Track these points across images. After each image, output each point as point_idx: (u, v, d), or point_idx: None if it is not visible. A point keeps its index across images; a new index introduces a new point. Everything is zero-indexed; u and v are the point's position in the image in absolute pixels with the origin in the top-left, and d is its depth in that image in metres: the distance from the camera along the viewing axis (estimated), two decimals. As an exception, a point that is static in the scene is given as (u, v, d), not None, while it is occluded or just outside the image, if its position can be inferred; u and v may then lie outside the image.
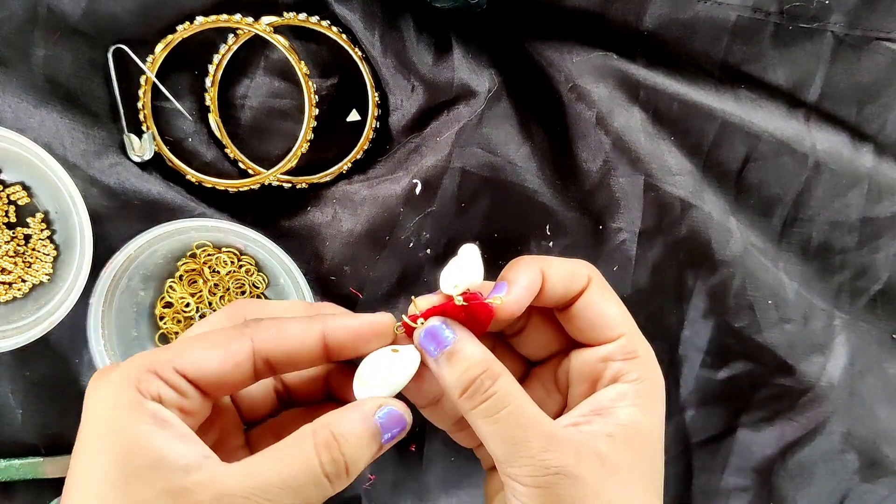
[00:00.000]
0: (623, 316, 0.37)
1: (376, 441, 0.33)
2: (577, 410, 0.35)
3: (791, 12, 0.50)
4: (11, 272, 0.51)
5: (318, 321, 0.34)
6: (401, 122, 0.52)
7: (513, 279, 0.36)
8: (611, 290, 0.38)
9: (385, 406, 0.33)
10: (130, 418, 0.29)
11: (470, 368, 0.33)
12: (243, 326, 0.33)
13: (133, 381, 0.30)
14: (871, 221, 0.53)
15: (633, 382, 0.35)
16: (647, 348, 0.37)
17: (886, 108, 0.52)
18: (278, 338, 0.33)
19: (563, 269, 0.36)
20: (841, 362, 0.54)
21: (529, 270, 0.36)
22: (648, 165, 0.51)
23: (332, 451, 0.31)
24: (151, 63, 0.50)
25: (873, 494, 0.56)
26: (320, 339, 0.34)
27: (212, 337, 0.33)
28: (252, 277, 0.53)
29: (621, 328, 0.36)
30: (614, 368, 0.36)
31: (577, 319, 0.37)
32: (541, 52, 0.51)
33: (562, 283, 0.36)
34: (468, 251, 0.36)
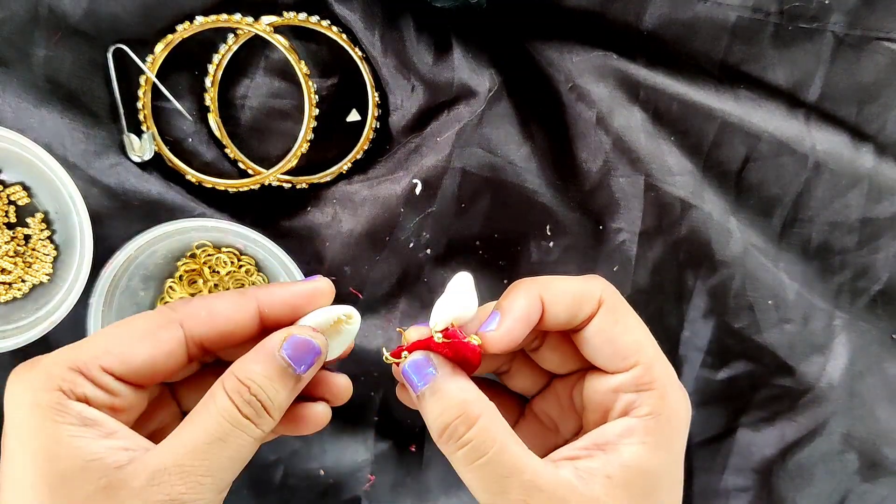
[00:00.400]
0: (640, 342, 0.34)
1: (289, 375, 0.31)
2: (580, 441, 0.33)
3: (791, 12, 0.50)
4: (11, 272, 0.51)
5: (251, 296, 0.33)
6: (401, 122, 0.52)
7: (506, 308, 0.33)
8: (627, 311, 0.35)
9: (290, 336, 0.32)
10: (54, 422, 0.28)
11: (445, 411, 0.31)
12: (170, 311, 0.32)
13: (55, 382, 0.29)
14: (871, 222, 0.53)
15: (643, 417, 0.32)
16: (667, 379, 0.33)
17: (886, 108, 0.52)
18: (210, 318, 0.32)
19: (567, 293, 0.33)
20: (841, 363, 0.54)
21: (526, 297, 0.33)
22: (648, 165, 0.51)
23: (244, 395, 0.30)
24: (151, 63, 0.50)
25: (873, 495, 0.56)
26: (255, 314, 0.32)
27: (138, 326, 0.31)
28: (252, 277, 0.53)
29: (635, 357, 0.33)
30: (625, 400, 0.33)
31: (587, 346, 0.34)
32: (541, 51, 0.51)
33: (565, 310, 0.33)
34: (460, 281, 0.34)
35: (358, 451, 0.54)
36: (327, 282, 0.34)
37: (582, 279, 0.35)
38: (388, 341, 0.53)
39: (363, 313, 0.53)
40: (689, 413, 0.34)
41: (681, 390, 0.34)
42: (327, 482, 0.54)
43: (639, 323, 0.34)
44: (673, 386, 0.33)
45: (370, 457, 0.54)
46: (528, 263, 0.53)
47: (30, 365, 0.31)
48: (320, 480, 0.54)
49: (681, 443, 0.33)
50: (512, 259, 0.54)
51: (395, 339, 0.53)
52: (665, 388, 0.33)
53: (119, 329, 0.31)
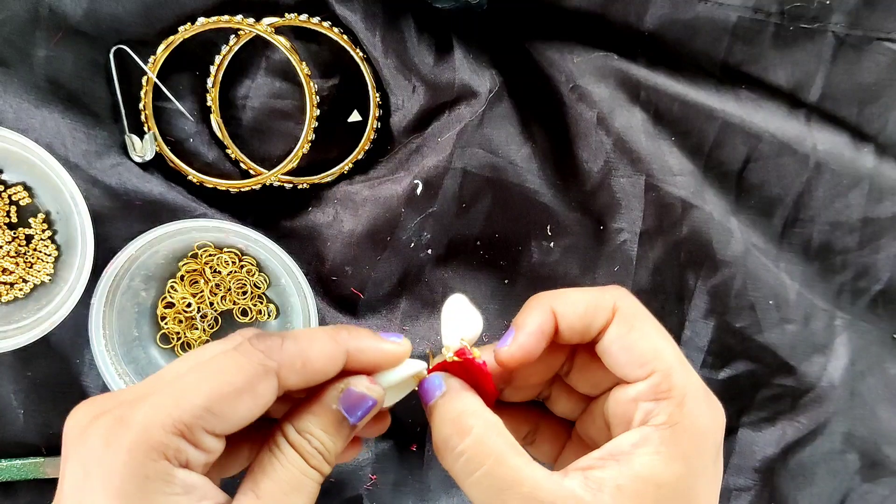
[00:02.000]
0: (657, 349, 0.33)
1: (343, 426, 0.32)
2: (597, 452, 0.32)
3: (792, 13, 0.50)
4: (13, 272, 0.51)
5: (342, 346, 0.32)
6: (402, 122, 0.52)
7: (520, 324, 0.34)
8: (644, 317, 0.34)
9: (346, 389, 0.32)
10: (163, 494, 0.27)
11: (443, 424, 0.32)
12: (266, 359, 0.30)
13: (160, 448, 0.27)
14: (872, 222, 0.53)
15: (659, 427, 0.31)
16: (687, 387, 0.32)
17: (887, 108, 0.52)
18: (304, 369, 0.31)
19: (579, 304, 0.33)
20: (842, 363, 0.54)
21: (539, 311, 0.33)
22: (649, 166, 0.51)
23: (307, 447, 0.31)
24: (153, 63, 0.50)
25: (874, 495, 0.56)
26: (342, 362, 0.32)
27: (234, 376, 0.29)
28: (253, 278, 0.53)
29: (651, 365, 0.32)
30: (644, 410, 0.32)
31: (607, 357, 0.34)
32: (542, 52, 0.51)
33: (578, 320, 0.33)
34: (456, 304, 0.35)
35: (359, 450, 0.54)
36: (408, 344, 0.34)
37: (597, 289, 0.34)
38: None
39: (364, 313, 0.53)
40: (719, 423, 0.32)
41: (706, 399, 0.32)
42: (329, 481, 0.54)
43: (658, 330, 0.33)
44: (695, 395, 0.32)
45: (371, 456, 0.54)
46: (529, 263, 0.53)
47: (118, 423, 0.28)
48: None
49: (705, 455, 0.31)
50: (513, 259, 0.54)
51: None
52: (684, 396, 0.31)
53: (213, 378, 0.29)
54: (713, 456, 0.32)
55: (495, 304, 0.54)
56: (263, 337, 0.31)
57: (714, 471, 0.32)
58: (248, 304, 0.53)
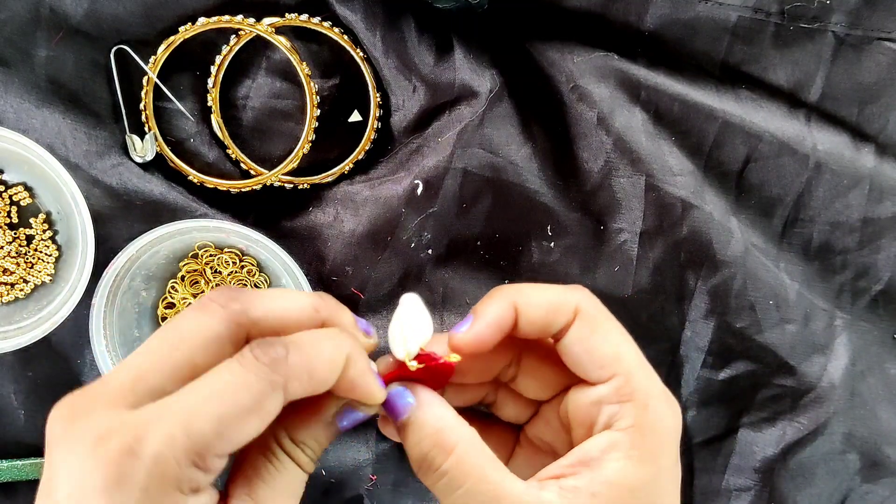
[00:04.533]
0: (618, 353, 0.33)
1: (334, 431, 0.32)
2: (566, 458, 0.32)
3: (792, 12, 0.50)
4: (14, 273, 0.51)
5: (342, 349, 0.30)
6: (402, 122, 0.52)
7: (479, 312, 0.33)
8: (605, 320, 0.33)
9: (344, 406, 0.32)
10: None
11: (421, 441, 0.31)
12: (272, 373, 0.28)
13: (174, 483, 0.26)
14: (872, 222, 0.53)
15: (626, 430, 0.31)
16: (649, 389, 0.32)
17: (887, 108, 0.52)
18: (309, 381, 0.29)
19: (542, 301, 0.33)
20: (842, 363, 0.54)
21: (500, 303, 0.33)
22: (649, 166, 0.51)
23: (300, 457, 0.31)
24: (153, 64, 0.50)
25: (875, 495, 0.56)
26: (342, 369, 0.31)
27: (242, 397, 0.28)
28: (254, 278, 0.53)
29: (613, 367, 0.32)
30: (607, 413, 0.32)
31: (567, 356, 0.33)
32: (542, 52, 0.51)
33: (539, 318, 0.33)
34: (408, 304, 0.33)
35: (359, 450, 0.54)
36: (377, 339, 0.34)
37: (562, 288, 0.34)
38: (389, 341, 0.53)
39: (365, 314, 0.53)
40: (678, 422, 0.33)
41: (666, 400, 0.32)
42: (329, 481, 0.54)
43: (619, 332, 0.33)
44: (657, 396, 0.32)
45: (371, 456, 0.54)
46: (530, 263, 0.53)
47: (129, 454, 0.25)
48: (322, 479, 0.54)
49: (669, 456, 0.32)
50: (513, 259, 0.54)
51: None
52: (647, 398, 0.32)
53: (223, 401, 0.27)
54: (675, 454, 0.32)
55: (496, 304, 0.54)
56: (265, 346, 0.29)
57: (676, 470, 0.32)
58: (249, 304, 0.53)
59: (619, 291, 0.53)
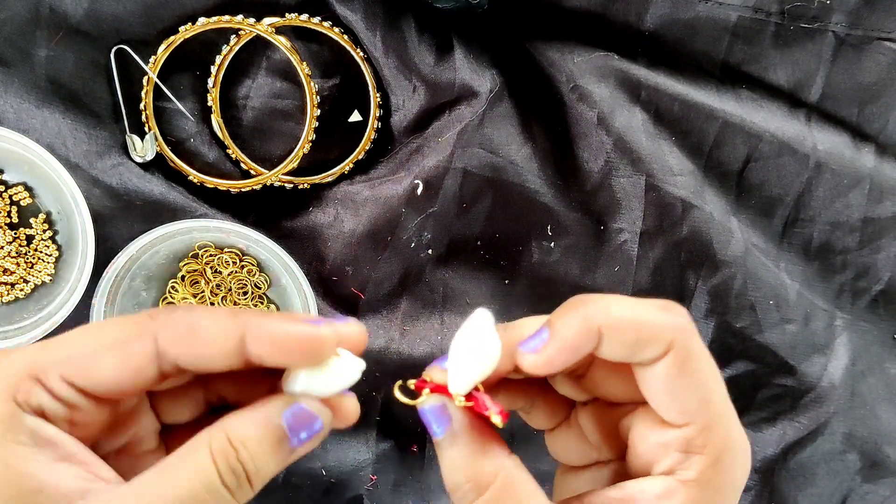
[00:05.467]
0: (704, 400, 0.29)
1: (283, 446, 0.27)
2: (615, 490, 0.29)
3: (792, 12, 0.50)
4: (14, 273, 0.51)
5: (240, 322, 0.27)
6: (402, 122, 0.52)
7: (557, 331, 0.29)
8: (700, 360, 0.29)
9: (294, 404, 0.28)
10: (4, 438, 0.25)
11: (455, 471, 0.29)
12: (148, 319, 0.27)
13: (10, 390, 0.25)
14: (873, 222, 0.53)
15: (687, 483, 0.28)
16: (726, 443, 0.29)
17: (888, 108, 0.52)
18: (189, 336, 0.27)
19: (632, 328, 0.28)
20: (842, 363, 0.54)
21: (583, 325, 0.28)
22: (650, 166, 0.51)
23: (230, 459, 0.26)
24: (153, 63, 0.50)
25: (875, 495, 0.56)
26: (239, 342, 0.27)
27: (107, 333, 0.27)
28: (254, 278, 0.53)
29: (692, 416, 0.29)
30: (673, 458, 0.29)
31: (645, 388, 0.30)
32: (542, 52, 0.51)
33: (624, 348, 0.29)
34: (480, 324, 0.29)
35: (360, 450, 0.54)
36: (330, 332, 0.28)
37: (657, 310, 0.29)
38: (388, 341, 0.53)
39: (365, 314, 0.53)
40: (747, 472, 0.30)
41: (741, 454, 0.29)
42: (329, 482, 0.54)
43: (711, 375, 0.29)
44: (731, 451, 0.29)
45: (371, 457, 0.54)
46: (530, 263, 0.53)
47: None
48: (322, 479, 0.54)
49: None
50: (513, 259, 0.54)
51: (395, 339, 0.53)
52: (721, 454, 0.28)
53: (87, 335, 0.27)
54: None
55: (495, 304, 0.54)
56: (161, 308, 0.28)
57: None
58: (249, 304, 0.53)
59: (620, 291, 0.53)
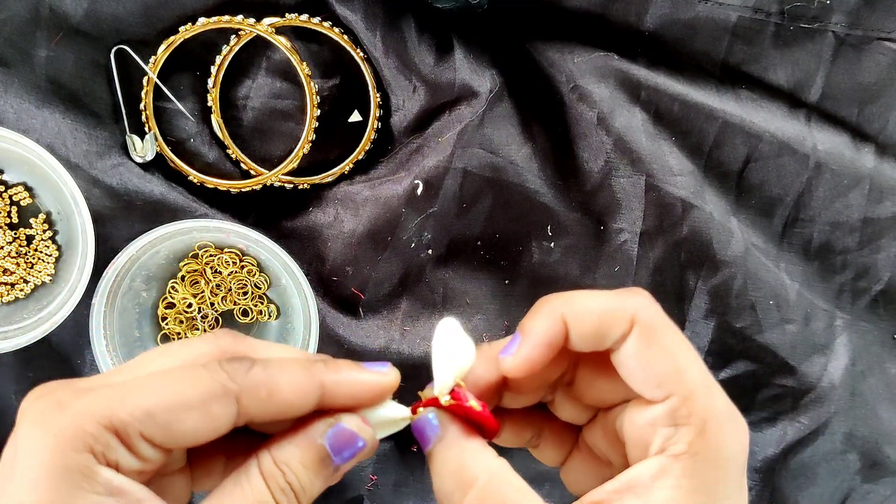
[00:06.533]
0: (679, 368, 0.29)
1: (326, 465, 0.29)
2: (612, 483, 0.29)
3: (792, 12, 0.50)
4: (14, 273, 0.51)
5: (317, 379, 0.29)
6: (402, 122, 0.52)
7: (527, 330, 0.30)
8: (666, 330, 0.30)
9: (336, 424, 0.29)
10: (79, 488, 0.25)
11: (442, 477, 0.30)
12: (228, 380, 0.27)
13: (86, 440, 0.25)
14: (873, 222, 0.53)
15: (679, 457, 0.28)
16: (710, 411, 0.29)
17: (887, 108, 0.52)
18: (269, 400, 0.28)
19: (593, 312, 0.30)
20: (842, 363, 0.54)
21: (548, 318, 0.30)
22: (649, 166, 0.51)
23: (279, 481, 0.28)
24: (153, 64, 0.50)
25: (875, 495, 0.56)
26: (317, 400, 0.29)
27: (188, 390, 0.27)
28: (254, 278, 0.53)
29: (671, 386, 0.29)
30: (662, 435, 0.29)
31: (622, 370, 0.30)
32: (542, 52, 0.51)
33: (592, 331, 0.30)
34: (448, 330, 0.31)
35: (360, 451, 0.54)
36: (395, 374, 0.30)
37: (615, 294, 0.30)
38: (389, 341, 0.53)
39: (364, 314, 0.53)
40: (743, 446, 0.30)
41: (730, 422, 0.29)
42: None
43: (681, 345, 0.30)
44: (717, 419, 0.29)
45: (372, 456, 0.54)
46: (530, 264, 0.53)
47: (56, 406, 0.26)
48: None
49: (728, 485, 0.29)
50: (513, 259, 0.54)
51: (395, 340, 0.53)
52: (706, 422, 0.28)
53: (165, 386, 0.27)
54: (737, 482, 0.29)
55: (495, 304, 0.54)
56: (235, 359, 0.28)
57: (739, 496, 0.30)
58: (249, 304, 0.53)
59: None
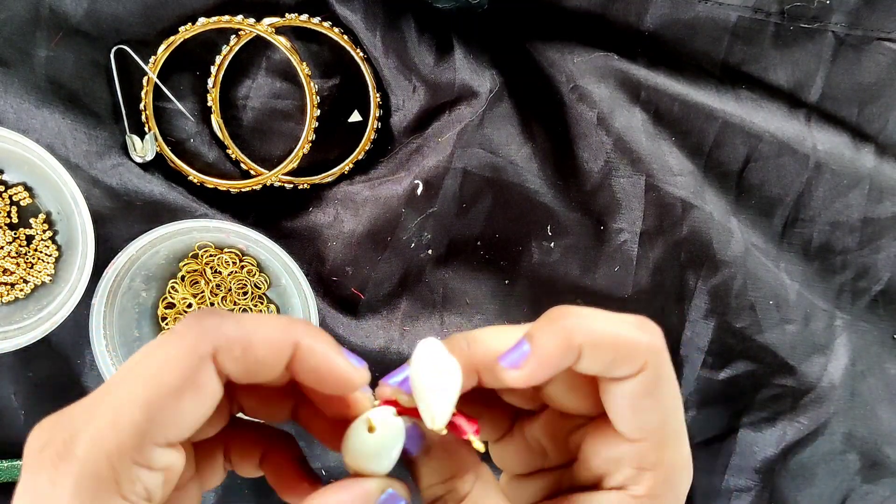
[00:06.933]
0: (662, 419, 0.29)
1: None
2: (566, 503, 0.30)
3: (792, 12, 0.50)
4: (14, 273, 0.51)
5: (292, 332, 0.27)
6: (402, 122, 0.52)
7: (538, 346, 0.28)
8: (667, 381, 0.29)
9: (388, 490, 0.30)
10: None
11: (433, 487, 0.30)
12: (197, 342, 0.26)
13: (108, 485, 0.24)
14: (872, 222, 0.53)
15: (639, 498, 0.28)
16: (677, 460, 0.29)
17: (887, 108, 0.52)
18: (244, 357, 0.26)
19: (612, 345, 0.28)
20: (842, 363, 0.54)
21: (562, 339, 0.28)
22: (649, 166, 0.51)
23: None
24: (153, 64, 0.50)
25: (875, 495, 0.56)
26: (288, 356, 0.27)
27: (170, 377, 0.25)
28: (254, 278, 0.53)
29: (649, 433, 0.28)
30: (623, 474, 0.29)
31: (608, 401, 0.29)
32: (542, 52, 0.51)
33: (602, 365, 0.28)
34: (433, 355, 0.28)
35: (359, 451, 0.54)
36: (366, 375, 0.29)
37: (634, 327, 0.29)
38: (388, 341, 0.53)
39: (364, 314, 0.53)
40: (686, 492, 0.30)
41: (687, 470, 0.30)
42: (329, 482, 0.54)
43: (674, 396, 0.29)
44: (680, 467, 0.29)
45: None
46: (530, 264, 0.53)
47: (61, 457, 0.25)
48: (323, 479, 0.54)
49: None
50: (513, 259, 0.54)
51: (395, 340, 0.53)
52: (672, 471, 0.29)
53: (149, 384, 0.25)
54: None
55: (495, 304, 0.54)
56: (202, 315, 0.26)
57: None
58: (249, 304, 0.53)
59: (619, 291, 0.53)
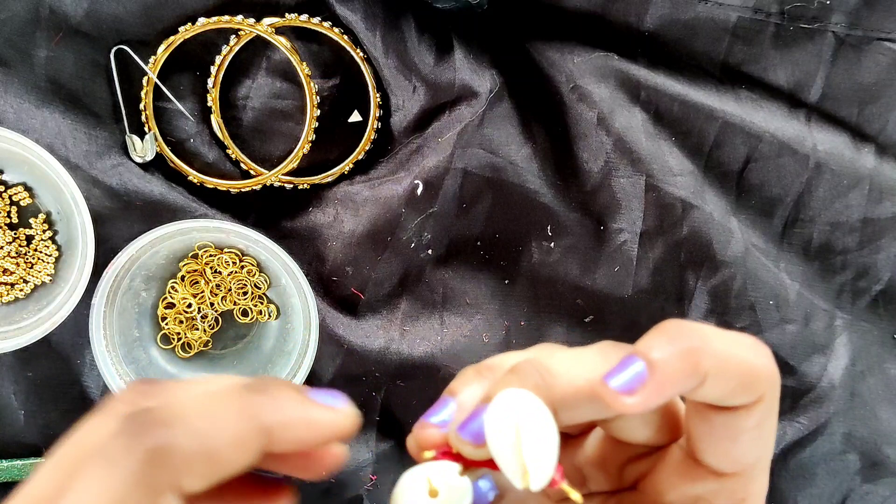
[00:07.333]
0: (765, 450, 0.26)
1: None
2: None
3: (792, 13, 0.50)
4: (13, 273, 0.51)
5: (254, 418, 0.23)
6: (402, 122, 0.52)
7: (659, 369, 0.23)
8: (773, 413, 0.25)
9: None
10: None
11: None
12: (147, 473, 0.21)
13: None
14: (873, 222, 0.53)
15: None
16: (762, 490, 0.27)
17: (887, 108, 0.52)
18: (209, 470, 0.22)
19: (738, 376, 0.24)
20: (842, 363, 0.54)
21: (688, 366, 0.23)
22: (649, 166, 0.51)
23: None
24: (153, 64, 0.50)
25: (875, 495, 0.56)
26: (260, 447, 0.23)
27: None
28: (254, 278, 0.53)
29: (743, 467, 0.26)
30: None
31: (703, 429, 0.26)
32: (542, 52, 0.51)
33: (721, 394, 0.24)
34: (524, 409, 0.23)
35: (360, 450, 0.54)
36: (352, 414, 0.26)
37: (754, 351, 0.24)
38: (388, 341, 0.53)
39: (364, 314, 0.53)
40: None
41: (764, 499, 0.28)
42: (329, 482, 0.54)
43: (772, 429, 0.26)
44: (762, 498, 0.27)
45: (371, 457, 0.54)
46: (530, 264, 0.53)
47: None
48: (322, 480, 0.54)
49: None
50: (513, 259, 0.54)
51: (395, 340, 0.53)
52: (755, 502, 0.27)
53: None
54: None
55: (495, 304, 0.54)
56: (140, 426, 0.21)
57: None
58: (249, 304, 0.53)
59: (619, 291, 0.53)
